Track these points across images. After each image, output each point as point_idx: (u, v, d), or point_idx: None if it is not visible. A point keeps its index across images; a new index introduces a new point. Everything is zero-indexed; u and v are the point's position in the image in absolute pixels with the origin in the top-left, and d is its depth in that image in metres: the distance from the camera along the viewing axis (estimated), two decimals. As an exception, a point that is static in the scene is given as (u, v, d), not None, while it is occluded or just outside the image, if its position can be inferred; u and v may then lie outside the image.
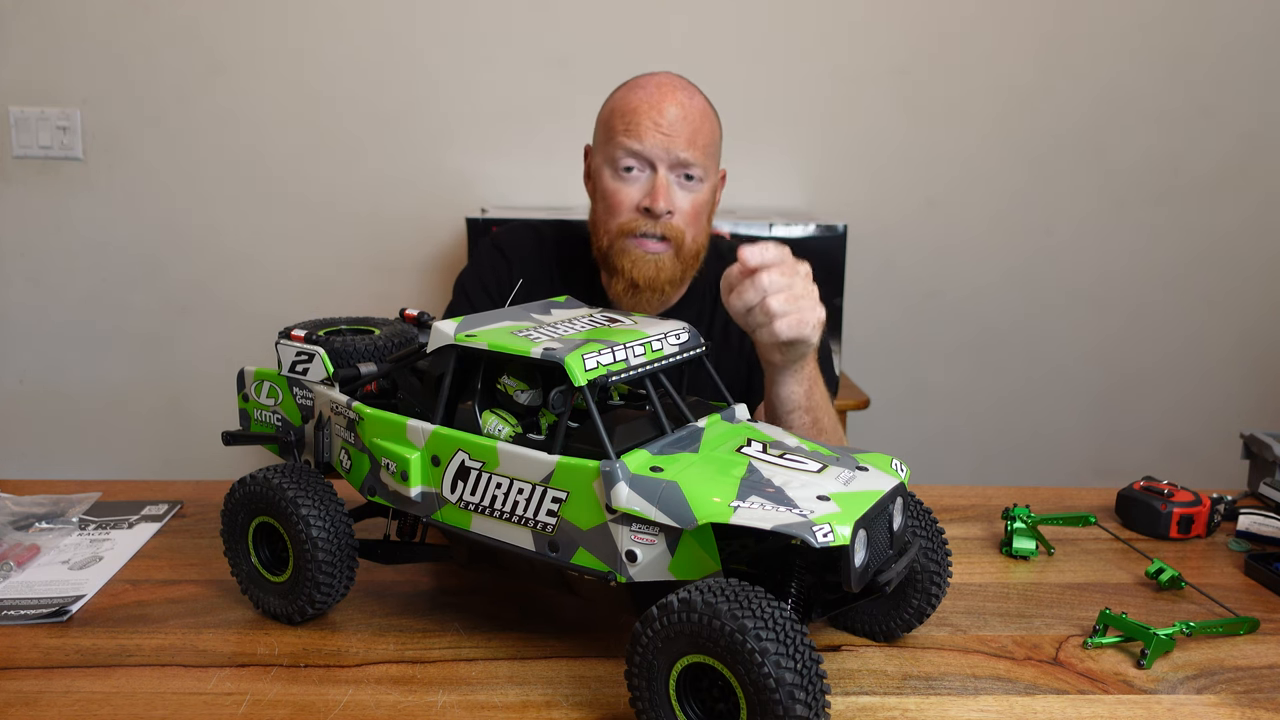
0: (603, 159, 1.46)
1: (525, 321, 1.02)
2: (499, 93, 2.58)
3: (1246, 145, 2.72)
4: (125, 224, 2.61)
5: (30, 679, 0.94)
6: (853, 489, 0.86)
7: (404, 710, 0.90)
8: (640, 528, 0.85)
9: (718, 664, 0.77)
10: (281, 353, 1.13)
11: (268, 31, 2.53)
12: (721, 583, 0.78)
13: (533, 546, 0.92)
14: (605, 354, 0.91)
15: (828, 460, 0.91)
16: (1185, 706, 0.93)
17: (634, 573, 0.86)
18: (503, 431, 0.95)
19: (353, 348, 1.11)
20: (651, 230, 1.42)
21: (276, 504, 1.00)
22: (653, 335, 0.98)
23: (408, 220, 2.62)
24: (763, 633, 0.74)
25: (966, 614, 1.11)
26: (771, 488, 0.84)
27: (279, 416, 1.16)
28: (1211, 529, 1.35)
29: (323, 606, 1.02)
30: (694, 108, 1.44)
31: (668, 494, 0.83)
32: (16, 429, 2.69)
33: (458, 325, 0.98)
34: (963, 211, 2.72)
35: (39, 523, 1.31)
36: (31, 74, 2.51)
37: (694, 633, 0.77)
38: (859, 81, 2.64)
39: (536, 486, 0.90)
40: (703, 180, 1.44)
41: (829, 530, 0.78)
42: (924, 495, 1.47)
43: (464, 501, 0.95)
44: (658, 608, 0.79)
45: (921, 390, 2.80)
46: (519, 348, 0.92)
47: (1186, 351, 2.83)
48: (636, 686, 0.82)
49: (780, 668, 0.74)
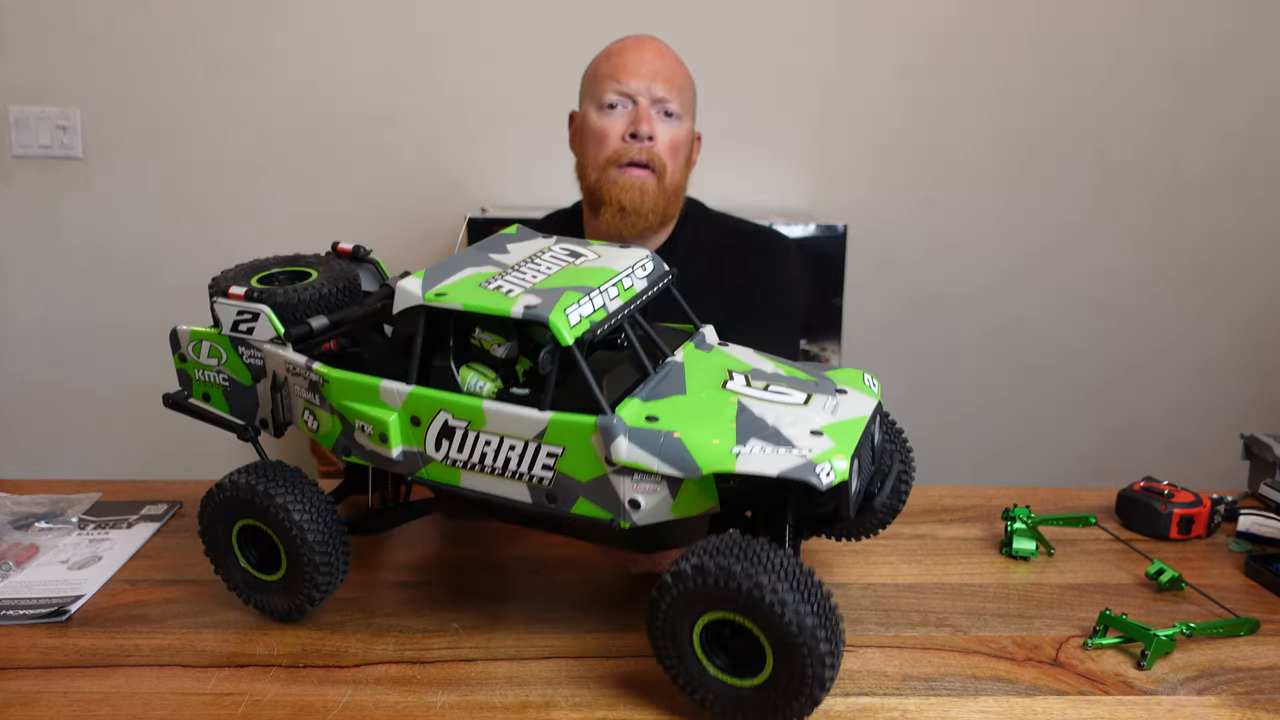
0: (589, 104, 1.58)
1: (488, 267, 0.99)
2: (499, 93, 2.58)
3: (1247, 144, 2.72)
4: (125, 224, 2.60)
5: (29, 679, 0.94)
6: (840, 418, 0.90)
7: (403, 710, 0.90)
8: (642, 477, 0.87)
9: (739, 618, 0.81)
10: (220, 311, 1.06)
11: (268, 31, 2.53)
12: (729, 540, 0.82)
13: (529, 499, 0.91)
14: (585, 304, 0.91)
15: (809, 388, 0.95)
16: (1185, 708, 0.93)
17: (638, 518, 0.88)
18: (484, 388, 0.93)
19: (297, 299, 1.06)
20: (637, 156, 1.52)
21: (253, 504, 0.97)
22: (622, 272, 0.98)
23: (408, 220, 2.62)
24: (778, 585, 0.78)
25: (966, 614, 1.11)
26: (767, 428, 0.87)
27: (225, 376, 1.09)
28: (1212, 530, 1.35)
29: (327, 590, 1.00)
30: (671, 56, 1.59)
31: (669, 446, 0.86)
32: (16, 429, 2.69)
33: (422, 282, 0.95)
34: (963, 211, 2.72)
35: (38, 522, 1.31)
36: (31, 74, 2.51)
37: (711, 595, 0.81)
38: (859, 82, 2.64)
39: (529, 443, 0.89)
40: (680, 119, 1.56)
41: (829, 469, 0.83)
42: (924, 495, 1.48)
43: (450, 459, 0.93)
44: (671, 576, 0.83)
45: (921, 390, 2.80)
46: (497, 306, 0.90)
47: (1187, 351, 2.83)
48: (662, 647, 0.86)
49: (800, 614, 0.78)
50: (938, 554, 1.28)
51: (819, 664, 0.79)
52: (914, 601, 1.14)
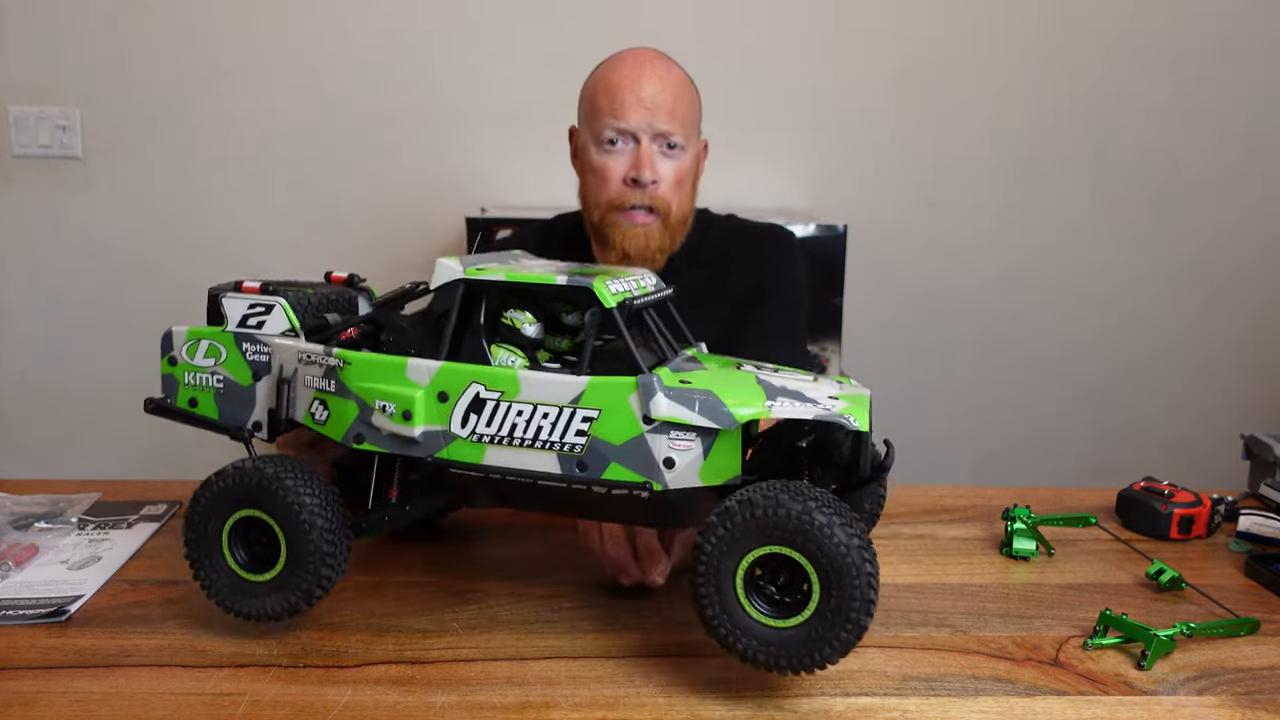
0: (588, 135, 1.53)
1: (513, 265, 1.03)
2: (499, 93, 2.58)
3: (1245, 142, 2.72)
4: (125, 223, 2.61)
5: (29, 679, 0.94)
6: (848, 392, 0.96)
7: (403, 711, 0.90)
8: (678, 434, 0.90)
9: (786, 549, 0.85)
10: (229, 306, 1.06)
11: (268, 32, 2.53)
12: (767, 482, 0.87)
13: (559, 469, 0.93)
14: (617, 282, 0.97)
15: (813, 375, 1.02)
16: (1186, 708, 0.93)
17: (670, 479, 0.91)
18: (515, 363, 0.96)
19: (307, 300, 1.07)
20: (639, 202, 1.49)
21: (260, 489, 0.96)
22: (634, 275, 1.03)
23: (407, 220, 2.62)
24: (825, 509, 0.84)
25: (966, 615, 1.11)
26: (790, 390, 0.93)
27: (220, 378, 1.07)
28: (1212, 530, 1.35)
29: (328, 584, 0.98)
30: (672, 79, 1.51)
31: (706, 401, 0.90)
32: (16, 429, 2.69)
33: (460, 261, 0.99)
34: (962, 211, 2.72)
35: (38, 522, 1.31)
36: (31, 73, 2.51)
37: (760, 527, 0.85)
38: (858, 83, 2.64)
39: (564, 409, 0.92)
40: (684, 149, 1.52)
41: (853, 419, 0.89)
42: (924, 495, 1.48)
43: (476, 434, 0.94)
44: (717, 515, 0.86)
45: (921, 390, 2.80)
46: (541, 278, 0.95)
47: (1187, 351, 2.83)
48: (705, 594, 0.87)
49: (848, 533, 0.83)
50: (938, 554, 1.28)
51: (865, 584, 0.83)
52: (914, 601, 1.14)
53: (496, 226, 2.29)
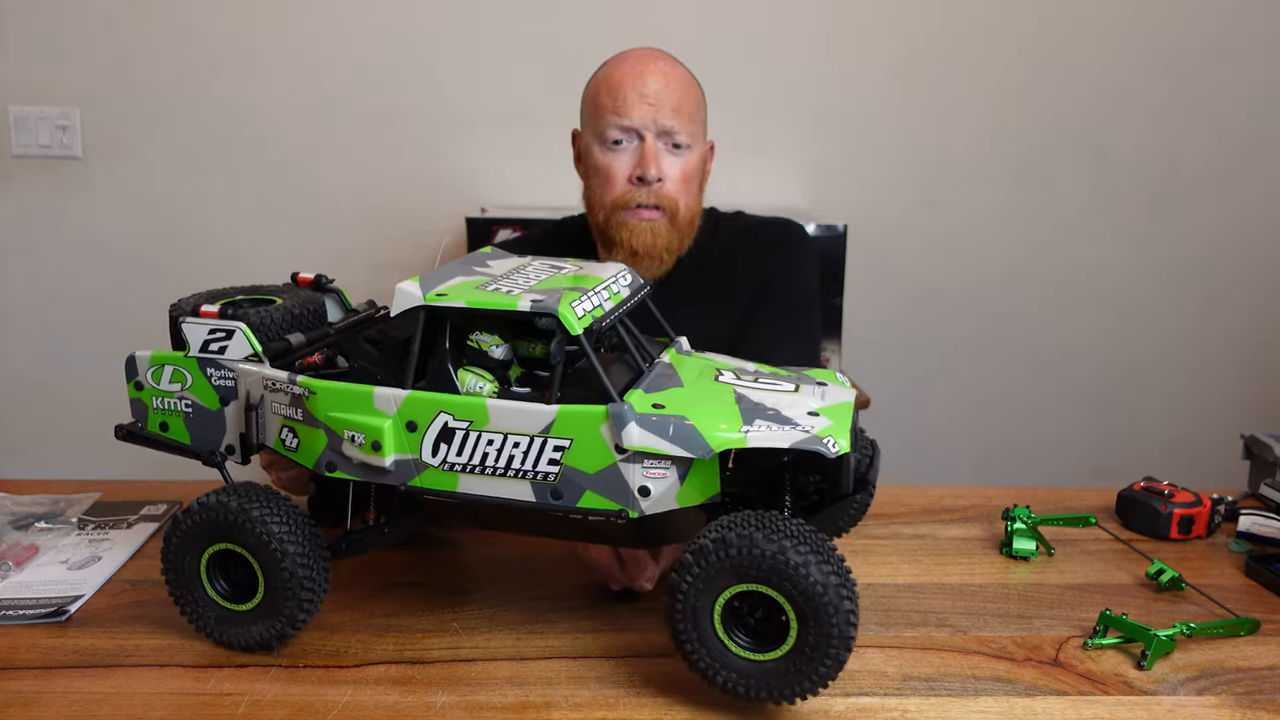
0: (591, 136, 1.51)
1: (478, 276, 0.99)
2: (499, 93, 2.58)
3: (1245, 142, 2.72)
4: (125, 223, 2.60)
5: (29, 679, 0.94)
6: (830, 403, 0.94)
7: (403, 711, 0.90)
8: (652, 463, 0.88)
9: (762, 587, 0.83)
10: (189, 332, 1.03)
11: (267, 32, 2.53)
12: (741, 516, 0.85)
13: (532, 497, 0.91)
14: (585, 301, 0.93)
15: (794, 381, 1.00)
16: (1186, 708, 0.93)
17: (646, 506, 0.89)
18: (484, 389, 0.93)
19: (270, 319, 1.04)
20: (645, 200, 1.46)
21: (226, 524, 0.94)
22: (607, 279, 1.00)
23: (407, 220, 2.62)
24: (800, 547, 0.82)
25: (966, 615, 1.11)
26: (768, 410, 0.91)
27: (188, 403, 1.05)
28: (1212, 530, 1.35)
29: (310, 609, 0.97)
30: (675, 77, 1.48)
31: (680, 428, 0.87)
32: (16, 429, 2.69)
33: (420, 285, 0.95)
34: (962, 211, 2.72)
35: (38, 522, 1.31)
36: (31, 73, 2.51)
37: (735, 566, 0.83)
38: (858, 82, 2.64)
39: (535, 438, 0.90)
40: (690, 147, 1.49)
41: (834, 441, 0.86)
42: (924, 495, 1.48)
43: (448, 464, 0.93)
44: (691, 553, 0.85)
45: (921, 389, 2.80)
46: (502, 303, 0.91)
47: (1187, 350, 2.83)
48: (682, 630, 0.87)
49: (824, 572, 0.82)
50: (938, 554, 1.28)
51: (844, 622, 0.82)
52: (914, 601, 1.14)
53: (496, 227, 2.29)
